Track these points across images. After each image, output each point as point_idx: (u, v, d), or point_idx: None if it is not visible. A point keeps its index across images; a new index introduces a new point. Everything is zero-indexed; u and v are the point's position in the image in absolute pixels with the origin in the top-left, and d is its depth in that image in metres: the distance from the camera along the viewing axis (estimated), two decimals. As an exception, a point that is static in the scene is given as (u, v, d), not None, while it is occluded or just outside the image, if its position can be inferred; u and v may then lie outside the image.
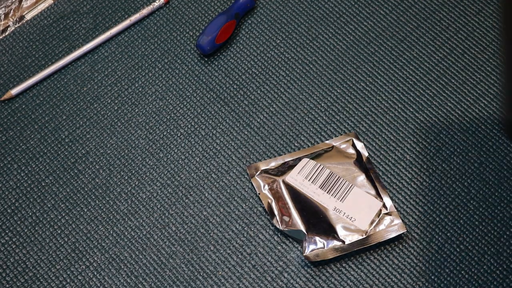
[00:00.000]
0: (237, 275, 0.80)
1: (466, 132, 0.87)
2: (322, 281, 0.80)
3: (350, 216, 0.81)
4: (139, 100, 0.90)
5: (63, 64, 0.92)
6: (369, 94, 0.89)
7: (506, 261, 0.80)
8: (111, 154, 0.87)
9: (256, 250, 0.82)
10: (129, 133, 0.88)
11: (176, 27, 0.94)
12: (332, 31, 0.93)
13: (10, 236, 0.84)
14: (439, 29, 0.93)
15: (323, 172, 0.84)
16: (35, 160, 0.87)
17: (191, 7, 0.95)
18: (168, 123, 0.88)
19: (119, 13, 0.95)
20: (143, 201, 0.84)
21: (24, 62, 0.93)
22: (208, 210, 0.84)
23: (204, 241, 0.82)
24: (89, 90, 0.91)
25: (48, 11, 0.96)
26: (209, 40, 0.90)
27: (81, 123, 0.89)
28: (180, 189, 0.85)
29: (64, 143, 0.88)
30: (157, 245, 0.82)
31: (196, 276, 0.81)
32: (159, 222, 0.83)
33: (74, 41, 0.94)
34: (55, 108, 0.90)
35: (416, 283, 0.79)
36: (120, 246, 0.82)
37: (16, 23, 0.95)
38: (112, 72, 0.92)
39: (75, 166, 0.87)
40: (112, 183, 0.86)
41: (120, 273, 0.81)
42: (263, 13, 0.94)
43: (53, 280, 0.81)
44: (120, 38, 0.94)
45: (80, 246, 0.83)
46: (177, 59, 0.92)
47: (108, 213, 0.84)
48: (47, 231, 0.84)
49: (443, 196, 0.83)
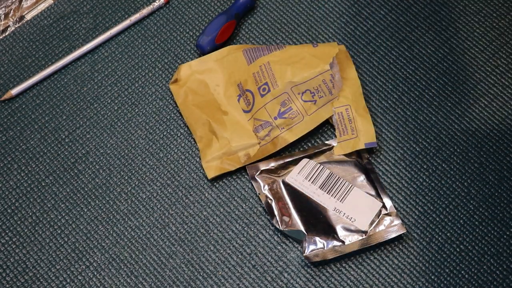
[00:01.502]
0: (237, 275, 0.81)
1: (466, 132, 0.87)
2: (322, 281, 0.80)
3: (350, 216, 0.81)
4: (139, 100, 0.90)
5: (63, 64, 0.92)
6: (369, 94, 0.89)
7: (506, 261, 0.80)
8: (111, 154, 0.87)
9: (256, 250, 0.82)
10: (129, 133, 0.88)
11: (176, 27, 0.94)
12: (332, 31, 0.93)
13: (10, 236, 0.84)
14: (439, 29, 0.93)
15: (323, 173, 0.84)
16: (35, 160, 0.87)
17: (191, 7, 0.95)
18: (168, 123, 0.88)
19: (119, 13, 0.95)
20: (143, 201, 0.84)
21: (24, 62, 0.93)
22: (208, 210, 0.84)
23: (204, 241, 0.82)
24: (89, 90, 0.91)
25: (48, 11, 0.96)
26: (209, 40, 0.90)
27: (81, 123, 0.89)
28: (180, 189, 0.85)
29: (64, 143, 0.88)
30: (157, 245, 0.82)
31: (196, 276, 0.81)
32: (159, 222, 0.83)
33: (74, 41, 0.94)
34: (55, 108, 0.90)
35: (416, 283, 0.79)
36: (120, 246, 0.82)
37: (16, 23, 0.95)
38: (112, 72, 0.92)
39: (75, 166, 0.87)
40: (112, 183, 0.86)
41: (120, 273, 0.81)
42: (263, 13, 0.94)
43: (53, 280, 0.81)
44: (120, 38, 0.94)
45: (80, 246, 0.83)
46: (177, 59, 0.92)
47: (108, 213, 0.84)
48: (47, 231, 0.84)
49: (443, 196, 0.83)
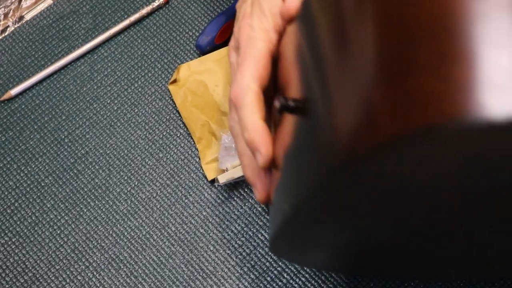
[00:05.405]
0: (236, 275, 0.81)
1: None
2: (322, 281, 0.80)
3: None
4: (139, 100, 0.90)
5: (63, 64, 0.92)
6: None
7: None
8: (111, 154, 0.87)
9: (256, 250, 0.82)
10: (129, 133, 0.88)
11: (175, 27, 0.94)
12: (331, 31, 0.93)
13: (9, 236, 0.84)
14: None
15: (323, 172, 0.83)
16: (34, 161, 0.87)
17: (190, 7, 0.95)
18: (168, 123, 0.88)
19: (118, 13, 0.95)
20: (142, 201, 0.84)
21: (23, 62, 0.93)
22: (207, 210, 0.84)
23: (203, 241, 0.82)
24: (88, 90, 0.91)
25: (47, 11, 0.96)
26: (209, 40, 0.90)
27: (81, 123, 0.89)
28: (179, 189, 0.85)
29: (63, 143, 0.88)
30: (157, 245, 0.82)
31: (196, 276, 0.81)
32: (158, 222, 0.83)
33: (74, 41, 0.94)
34: (54, 108, 0.90)
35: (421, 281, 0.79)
36: (120, 246, 0.82)
37: (15, 23, 0.95)
38: (112, 72, 0.92)
39: (75, 166, 0.87)
40: (112, 183, 0.86)
41: (120, 273, 0.81)
42: (263, 13, 0.94)
43: (52, 280, 0.81)
44: (120, 38, 0.94)
45: (79, 246, 0.83)
46: (176, 59, 0.92)
47: (108, 213, 0.84)
48: (47, 231, 0.84)
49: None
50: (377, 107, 0.44)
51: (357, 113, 0.46)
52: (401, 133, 0.42)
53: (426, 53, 0.43)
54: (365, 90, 0.46)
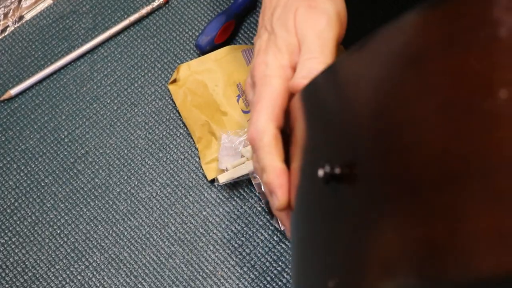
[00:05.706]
0: (236, 275, 0.80)
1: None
2: (322, 281, 0.80)
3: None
4: (139, 100, 0.90)
5: (63, 64, 0.92)
6: (368, 94, 0.89)
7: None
8: (111, 154, 0.87)
9: (256, 249, 0.82)
10: (129, 133, 0.88)
11: (175, 27, 0.94)
12: (331, 31, 0.93)
13: (9, 236, 0.84)
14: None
15: (323, 172, 0.83)
16: (34, 160, 0.87)
17: (190, 7, 0.95)
18: (168, 123, 0.88)
19: (118, 13, 0.95)
20: (142, 201, 0.84)
21: (23, 62, 0.93)
22: (207, 210, 0.84)
23: (203, 241, 0.82)
24: (88, 90, 0.91)
25: (47, 11, 0.96)
26: (208, 40, 0.90)
27: (81, 123, 0.89)
28: (179, 189, 0.85)
29: (63, 143, 0.88)
30: (157, 245, 0.82)
31: (196, 276, 0.81)
32: (158, 222, 0.83)
33: (74, 41, 0.94)
34: (54, 108, 0.90)
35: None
36: (120, 246, 0.82)
37: (15, 23, 0.95)
38: (112, 72, 0.92)
39: (75, 166, 0.87)
40: (112, 183, 0.86)
41: (120, 273, 0.81)
42: (263, 13, 0.94)
43: (52, 280, 0.81)
44: (120, 38, 0.94)
45: (79, 246, 0.83)
46: (176, 59, 0.92)
47: (108, 213, 0.84)
48: (47, 231, 0.84)
49: (442, 196, 0.83)
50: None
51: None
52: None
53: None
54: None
